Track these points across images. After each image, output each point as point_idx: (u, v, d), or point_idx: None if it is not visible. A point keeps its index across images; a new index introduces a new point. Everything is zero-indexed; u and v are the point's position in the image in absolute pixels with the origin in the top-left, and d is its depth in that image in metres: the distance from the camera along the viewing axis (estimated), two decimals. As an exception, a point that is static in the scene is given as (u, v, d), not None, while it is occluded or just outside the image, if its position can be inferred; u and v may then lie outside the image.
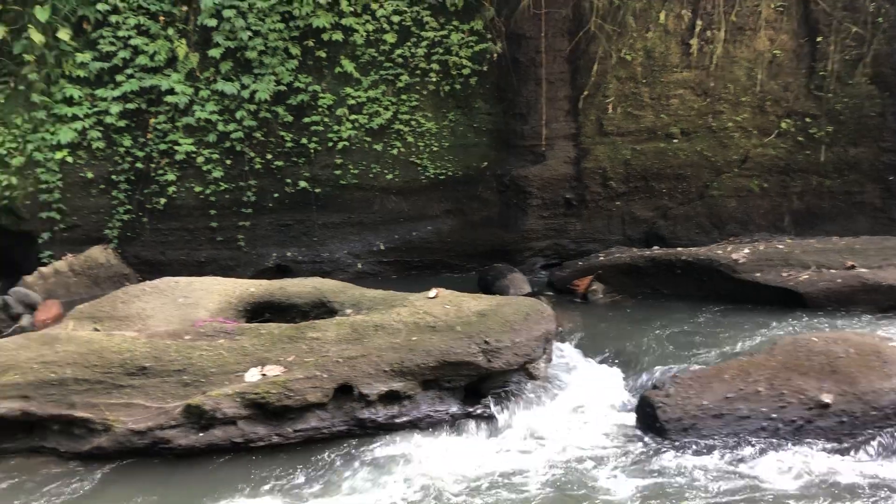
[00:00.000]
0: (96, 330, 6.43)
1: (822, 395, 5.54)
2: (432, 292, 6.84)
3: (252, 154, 10.13)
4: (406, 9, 9.92)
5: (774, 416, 5.55)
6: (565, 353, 7.18)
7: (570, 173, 10.15)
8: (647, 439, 5.72)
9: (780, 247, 8.68)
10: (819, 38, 9.82)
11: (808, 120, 9.98)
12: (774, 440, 5.49)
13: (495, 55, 9.87)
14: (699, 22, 9.79)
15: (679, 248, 9.08)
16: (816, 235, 9.63)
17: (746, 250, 8.59)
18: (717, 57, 9.84)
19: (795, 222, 10.23)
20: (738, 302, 8.34)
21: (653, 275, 8.91)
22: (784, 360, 5.87)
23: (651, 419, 5.75)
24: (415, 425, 5.94)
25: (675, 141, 10.11)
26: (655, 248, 9.64)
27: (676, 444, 5.56)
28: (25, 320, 8.52)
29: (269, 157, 10.17)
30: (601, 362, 7.10)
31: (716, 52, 9.83)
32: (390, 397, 5.93)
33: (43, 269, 9.68)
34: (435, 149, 10.30)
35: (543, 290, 9.35)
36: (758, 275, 8.28)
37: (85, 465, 5.65)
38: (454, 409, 6.08)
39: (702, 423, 5.59)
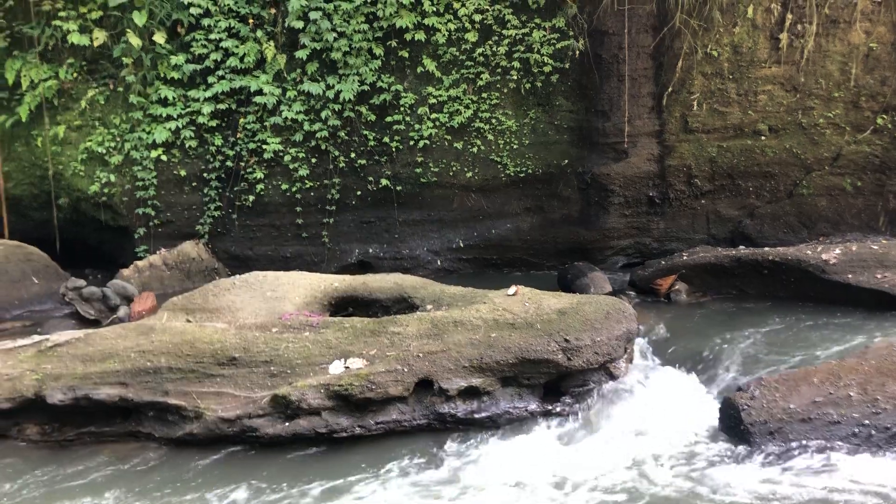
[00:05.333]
0: (189, 321, 6.70)
1: (918, 401, 5.33)
2: (512, 289, 6.86)
3: (336, 153, 10.35)
4: (488, 7, 9.96)
5: (867, 422, 5.37)
6: (647, 352, 7.10)
7: (653, 171, 10.00)
8: (729, 442, 5.61)
9: (875, 247, 8.34)
10: (919, 30, 9.39)
11: (906, 115, 9.56)
12: (866, 448, 5.31)
13: (577, 52, 9.80)
14: (789, 15, 9.49)
15: (766, 248, 8.83)
16: (914, 236, 9.23)
17: (838, 251, 8.29)
18: (808, 51, 9.52)
19: (891, 222, 9.79)
20: (828, 304, 8.06)
21: (738, 275, 8.70)
22: (878, 364, 5.67)
23: (735, 422, 5.64)
24: (494, 421, 5.98)
25: (762, 138, 9.83)
26: (741, 247, 9.41)
27: (761, 448, 5.44)
28: (122, 311, 8.92)
29: (352, 155, 10.37)
30: (684, 363, 6.98)
31: (807, 46, 9.51)
32: (470, 393, 5.99)
33: (139, 262, 10.15)
34: (515, 147, 10.30)
35: (625, 290, 9.24)
36: (849, 276, 7.98)
37: (177, 450, 5.91)
38: (533, 406, 6.09)
39: (788, 428, 5.45)
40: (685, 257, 9.04)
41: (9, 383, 6.08)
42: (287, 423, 5.78)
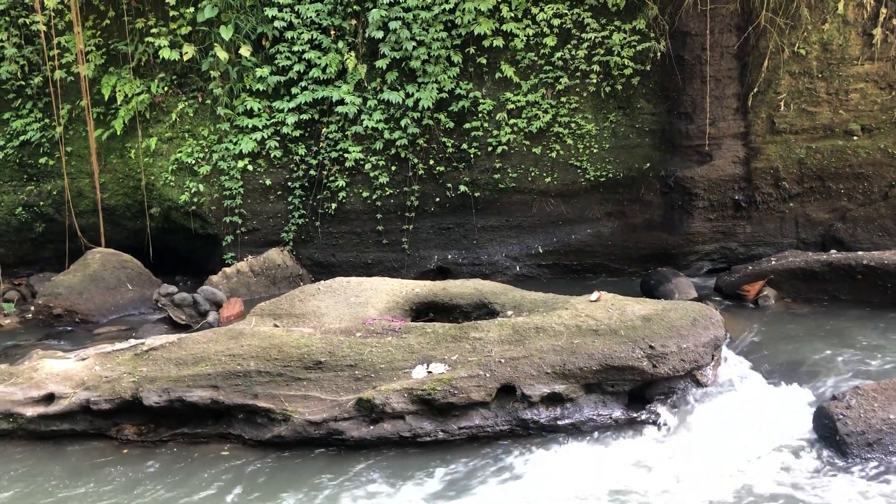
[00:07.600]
0: (276, 326, 6.88)
1: None
2: (594, 295, 6.80)
3: (416, 160, 10.46)
4: (566, 11, 9.91)
5: (974, 434, 5.11)
6: (735, 360, 6.91)
7: (738, 173, 9.75)
8: (823, 454, 5.42)
9: (979, 251, 7.95)
10: None
11: None
12: (974, 461, 5.06)
13: (658, 54, 9.65)
14: (884, 10, 9.13)
15: (860, 253, 8.50)
16: None
17: (939, 255, 7.93)
18: (904, 47, 9.15)
19: None
20: (929, 311, 7.73)
21: (830, 280, 8.40)
22: (985, 374, 5.39)
23: (829, 432, 5.44)
24: (577, 428, 5.93)
25: (854, 138, 9.48)
26: (833, 252, 9.08)
27: (858, 459, 5.23)
28: (212, 316, 9.21)
29: (431, 162, 10.46)
30: (773, 371, 6.78)
31: (903, 41, 9.13)
32: (552, 399, 5.96)
33: (227, 269, 10.47)
34: (595, 150, 10.20)
35: (710, 296, 9.02)
36: (952, 282, 7.63)
37: (266, 452, 6.05)
38: (617, 413, 6.02)
39: (889, 439, 5.23)
40: (773, 262, 8.78)
41: (108, 385, 6.35)
42: (372, 427, 5.86)
